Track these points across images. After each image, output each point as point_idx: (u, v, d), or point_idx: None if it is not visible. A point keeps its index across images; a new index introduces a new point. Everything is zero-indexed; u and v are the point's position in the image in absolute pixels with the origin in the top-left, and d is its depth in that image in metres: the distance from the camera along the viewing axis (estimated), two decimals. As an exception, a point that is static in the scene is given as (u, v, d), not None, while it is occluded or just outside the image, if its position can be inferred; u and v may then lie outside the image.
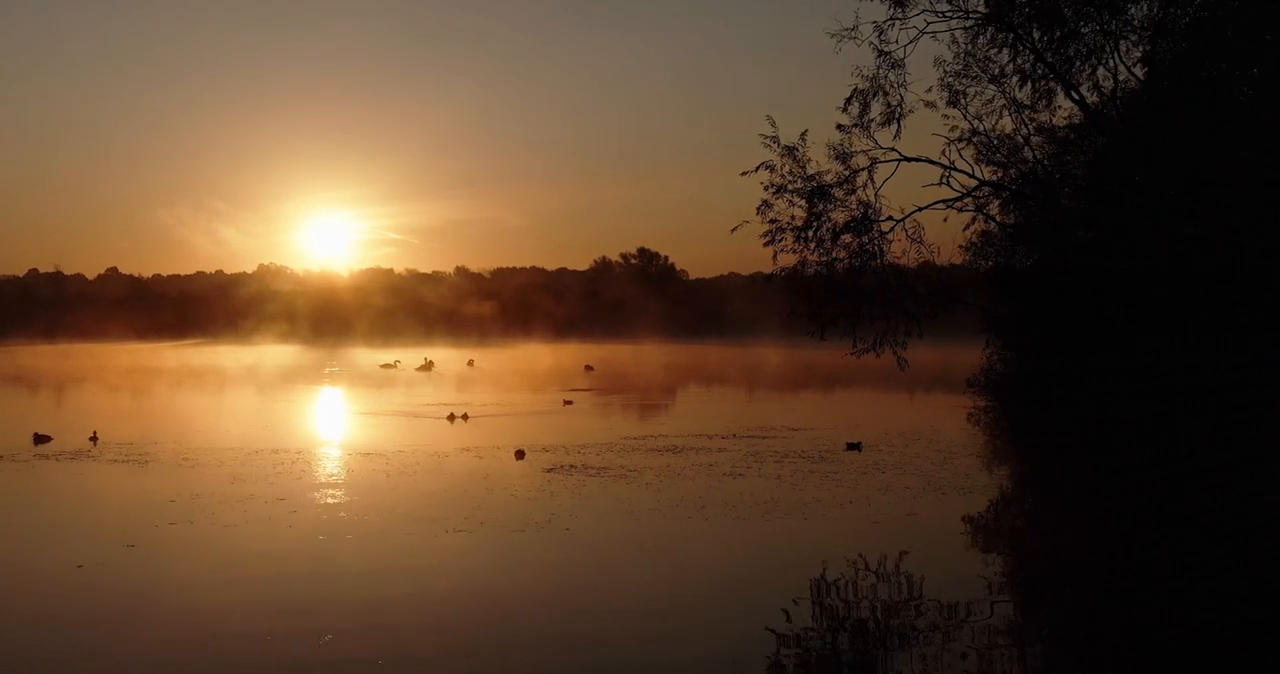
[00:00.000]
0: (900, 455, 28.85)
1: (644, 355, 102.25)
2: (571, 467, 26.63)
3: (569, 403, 46.77)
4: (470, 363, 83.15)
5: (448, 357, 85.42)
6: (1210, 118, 23.27)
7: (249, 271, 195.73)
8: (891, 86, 27.18)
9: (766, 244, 29.47)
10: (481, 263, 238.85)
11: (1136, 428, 28.97)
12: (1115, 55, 27.03)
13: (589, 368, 76.63)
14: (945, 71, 28.75)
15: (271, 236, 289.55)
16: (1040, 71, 28.43)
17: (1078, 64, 26.73)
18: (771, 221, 29.25)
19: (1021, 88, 28.99)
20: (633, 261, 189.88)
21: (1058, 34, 27.03)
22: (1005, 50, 27.49)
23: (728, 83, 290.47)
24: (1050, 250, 31.32)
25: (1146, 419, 29.52)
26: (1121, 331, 29.94)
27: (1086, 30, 26.68)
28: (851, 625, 13.79)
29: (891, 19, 26.31)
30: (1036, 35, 27.31)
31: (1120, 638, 13.26)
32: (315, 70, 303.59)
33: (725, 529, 19.42)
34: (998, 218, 31.92)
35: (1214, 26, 23.70)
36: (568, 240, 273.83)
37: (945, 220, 30.68)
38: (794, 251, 29.18)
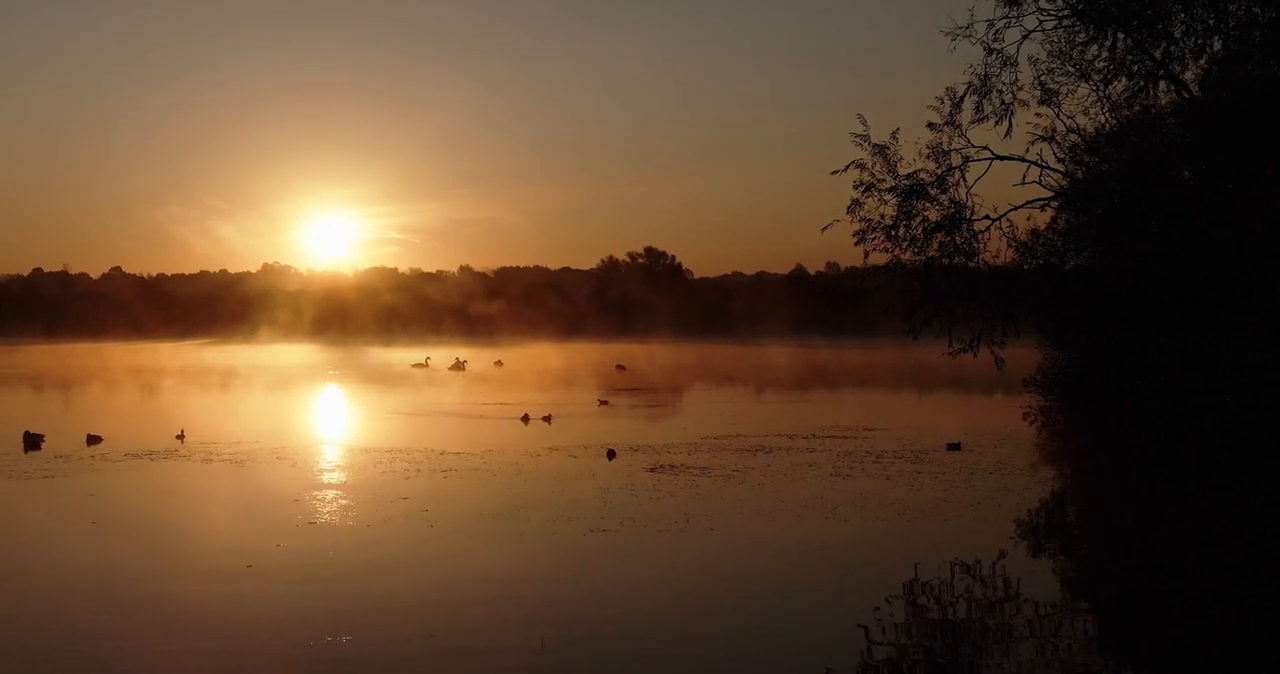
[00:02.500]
0: (997, 456, 28.80)
1: (665, 354, 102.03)
2: (671, 467, 26.52)
3: (604, 403, 46.17)
4: (498, 363, 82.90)
5: (470, 356, 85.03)
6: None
7: (253, 271, 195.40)
8: (1004, 84, 27.20)
9: (857, 243, 29.47)
10: (484, 262, 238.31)
11: (1226, 426, 29.06)
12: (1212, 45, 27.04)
13: (620, 367, 76.44)
14: (1039, 70, 28.71)
15: (272, 235, 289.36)
16: (1137, 69, 28.43)
17: (1179, 57, 26.76)
18: (863, 220, 29.23)
19: (1113, 83, 28.94)
20: (640, 260, 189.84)
21: (1160, 27, 27.10)
22: (1103, 45, 27.47)
23: (731, 81, 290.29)
24: (1128, 249, 31.27)
25: (1233, 416, 29.62)
26: (1202, 329, 29.99)
27: (1184, 20, 26.72)
28: (952, 625, 13.76)
29: (1005, 18, 26.33)
30: (1136, 28, 27.35)
31: (1225, 639, 13.11)
32: (315, 69, 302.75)
33: (860, 528, 19.39)
34: (1080, 217, 31.86)
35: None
36: (570, 240, 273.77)
37: (1028, 219, 30.63)
38: (886, 250, 29.19)
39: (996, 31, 26.57)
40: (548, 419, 37.75)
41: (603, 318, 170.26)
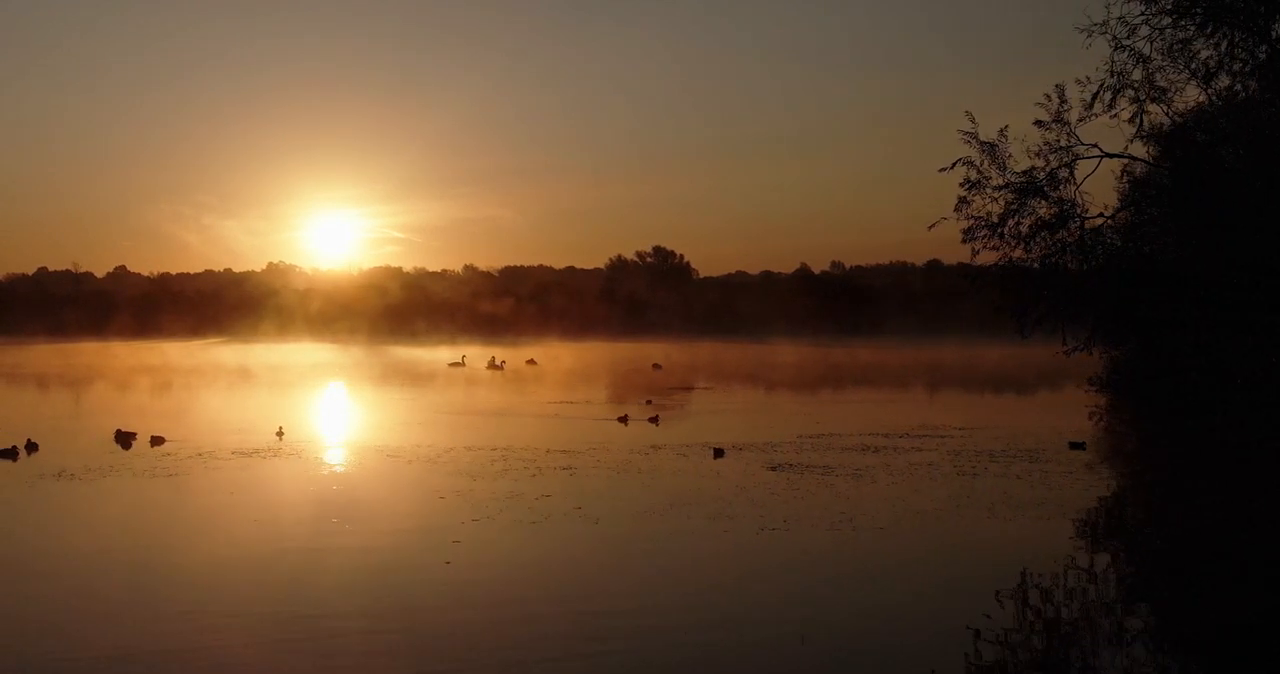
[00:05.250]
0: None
1: (692, 353, 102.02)
2: (790, 466, 26.34)
3: (649, 402, 45.58)
4: (530, 361, 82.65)
5: (499, 355, 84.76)
6: None
7: (257, 270, 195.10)
8: (1136, 82, 27.14)
9: (965, 241, 29.42)
10: (487, 261, 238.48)
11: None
12: None
13: (657, 366, 76.22)
14: (1149, 68, 28.66)
15: (274, 235, 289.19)
16: (1238, 67, 28.41)
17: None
18: (971, 218, 29.18)
19: (1218, 79, 28.92)
20: (649, 259, 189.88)
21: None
22: (1219, 41, 27.43)
23: (738, 80, 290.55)
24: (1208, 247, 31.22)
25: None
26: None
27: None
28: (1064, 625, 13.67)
29: (1143, 15, 26.31)
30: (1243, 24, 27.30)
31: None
32: (316, 68, 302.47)
33: (1010, 528, 19.26)
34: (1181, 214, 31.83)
35: None
36: (574, 239, 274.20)
37: (1134, 214, 30.58)
38: (995, 248, 29.13)
39: (1131, 28, 26.49)
40: (654, 420, 36.98)
41: (612, 317, 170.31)
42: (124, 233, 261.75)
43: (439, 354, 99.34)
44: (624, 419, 37.07)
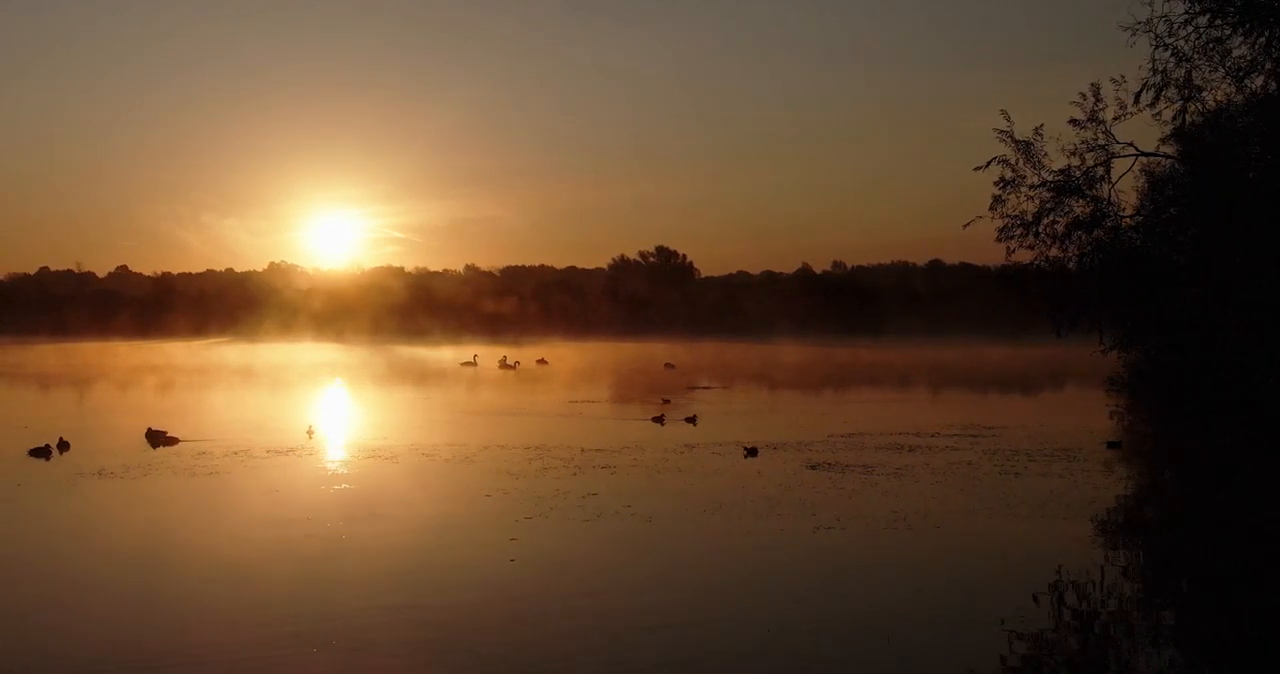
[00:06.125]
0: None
1: (699, 353, 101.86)
2: (828, 465, 26.25)
3: (667, 402, 45.31)
4: (541, 361, 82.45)
5: (507, 354, 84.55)
6: None
7: (259, 270, 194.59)
8: (1178, 80, 27.06)
9: (999, 240, 29.35)
10: (488, 261, 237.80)
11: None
12: None
13: (670, 365, 76.14)
14: (1188, 67, 28.54)
15: (275, 235, 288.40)
16: (1270, 66, 28.32)
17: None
18: (1006, 216, 29.10)
19: (1251, 78, 28.82)
20: (651, 259, 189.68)
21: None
22: (1255, 39, 27.33)
23: (738, 80, 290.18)
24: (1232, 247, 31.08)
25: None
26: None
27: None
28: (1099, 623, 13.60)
29: (1188, 14, 26.24)
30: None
31: None
32: (316, 68, 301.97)
33: (1077, 529, 19.21)
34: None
35: None
36: (574, 239, 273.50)
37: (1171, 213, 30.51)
38: (1031, 247, 29.05)
39: (1173, 26, 26.42)
40: (692, 420, 36.49)
41: (614, 316, 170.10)
42: (125, 233, 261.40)
43: (445, 354, 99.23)
44: (660, 419, 36.66)
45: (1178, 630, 13.42)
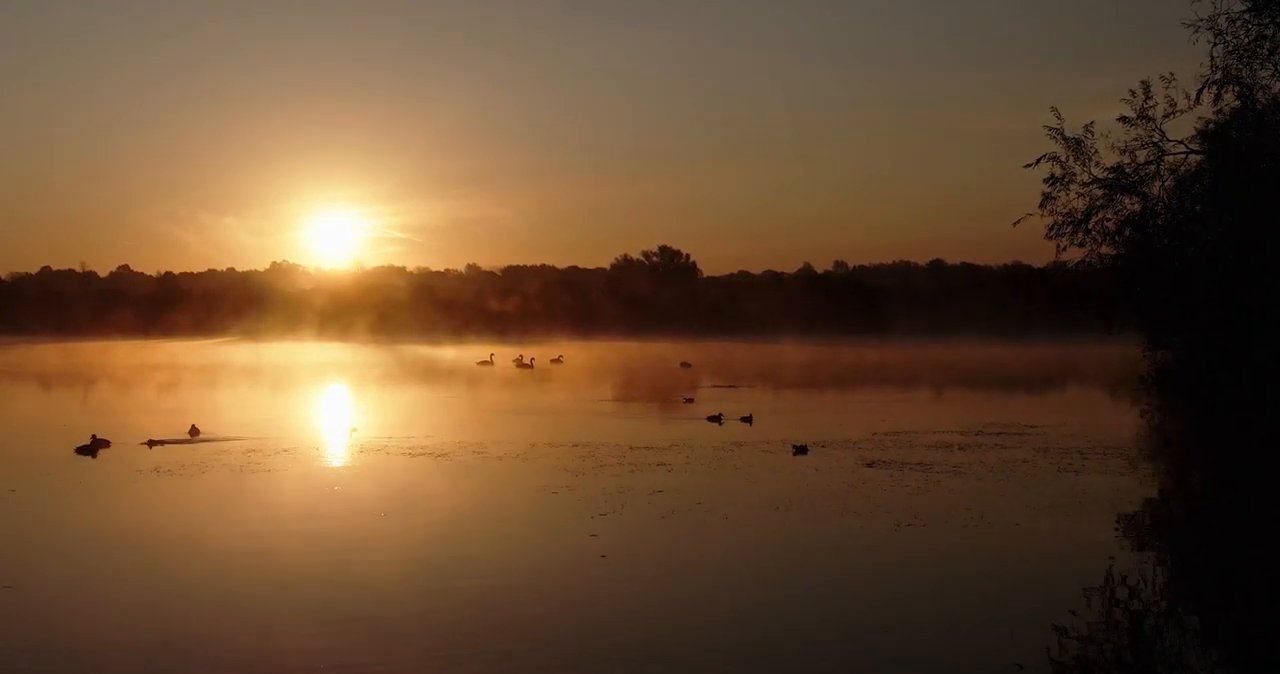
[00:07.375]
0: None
1: (711, 352, 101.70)
2: (884, 462, 26.06)
3: (690, 401, 45.05)
4: (556, 360, 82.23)
5: (522, 353, 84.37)
6: None
7: (260, 270, 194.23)
8: (1237, 76, 26.96)
9: (1049, 237, 29.24)
10: (489, 261, 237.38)
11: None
12: None
13: (686, 364, 76.04)
14: (1240, 64, 28.44)
15: (275, 234, 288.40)
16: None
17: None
18: (1056, 214, 29.00)
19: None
20: (654, 259, 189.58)
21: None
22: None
23: (740, 80, 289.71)
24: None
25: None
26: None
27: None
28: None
29: (1250, 9, 26.14)
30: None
31: None
32: (316, 68, 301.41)
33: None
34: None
35: None
36: (575, 239, 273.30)
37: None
38: (1081, 245, 28.94)
39: (1235, 24, 26.33)
40: (747, 419, 35.97)
41: (617, 316, 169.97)
42: (126, 232, 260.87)
43: (452, 353, 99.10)
44: (717, 418, 36.11)
45: (1230, 630, 13.21)
